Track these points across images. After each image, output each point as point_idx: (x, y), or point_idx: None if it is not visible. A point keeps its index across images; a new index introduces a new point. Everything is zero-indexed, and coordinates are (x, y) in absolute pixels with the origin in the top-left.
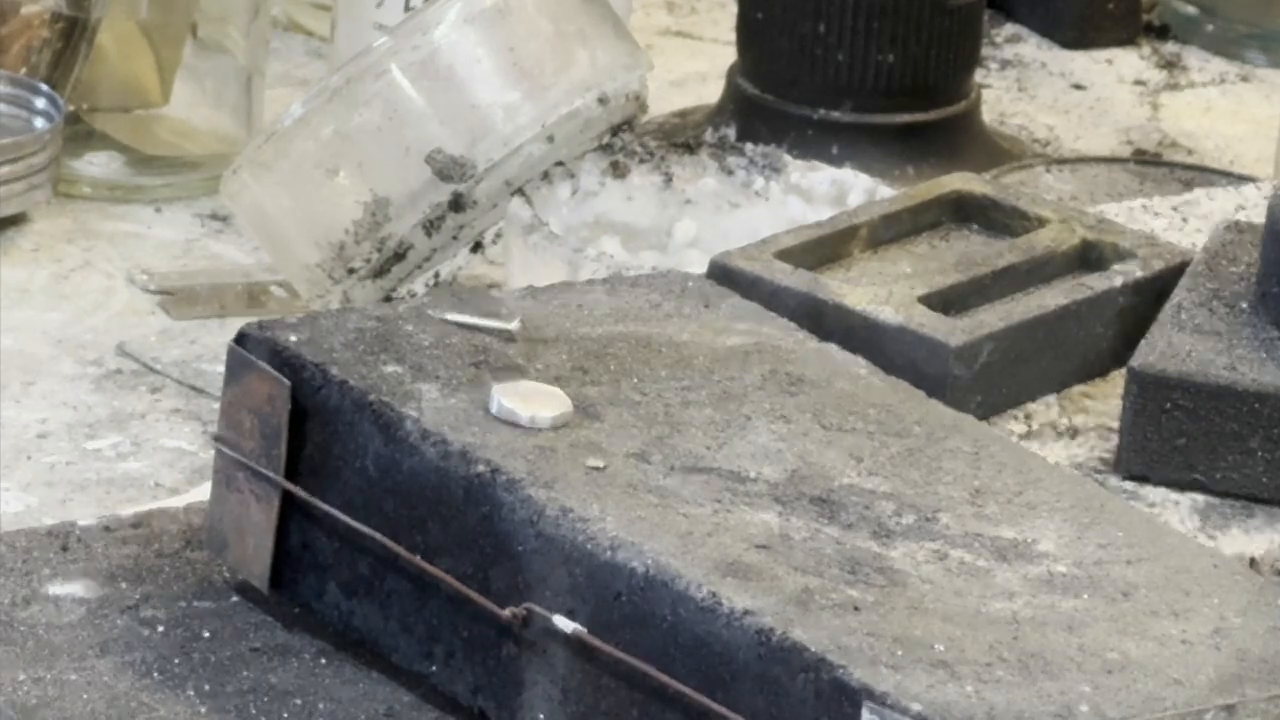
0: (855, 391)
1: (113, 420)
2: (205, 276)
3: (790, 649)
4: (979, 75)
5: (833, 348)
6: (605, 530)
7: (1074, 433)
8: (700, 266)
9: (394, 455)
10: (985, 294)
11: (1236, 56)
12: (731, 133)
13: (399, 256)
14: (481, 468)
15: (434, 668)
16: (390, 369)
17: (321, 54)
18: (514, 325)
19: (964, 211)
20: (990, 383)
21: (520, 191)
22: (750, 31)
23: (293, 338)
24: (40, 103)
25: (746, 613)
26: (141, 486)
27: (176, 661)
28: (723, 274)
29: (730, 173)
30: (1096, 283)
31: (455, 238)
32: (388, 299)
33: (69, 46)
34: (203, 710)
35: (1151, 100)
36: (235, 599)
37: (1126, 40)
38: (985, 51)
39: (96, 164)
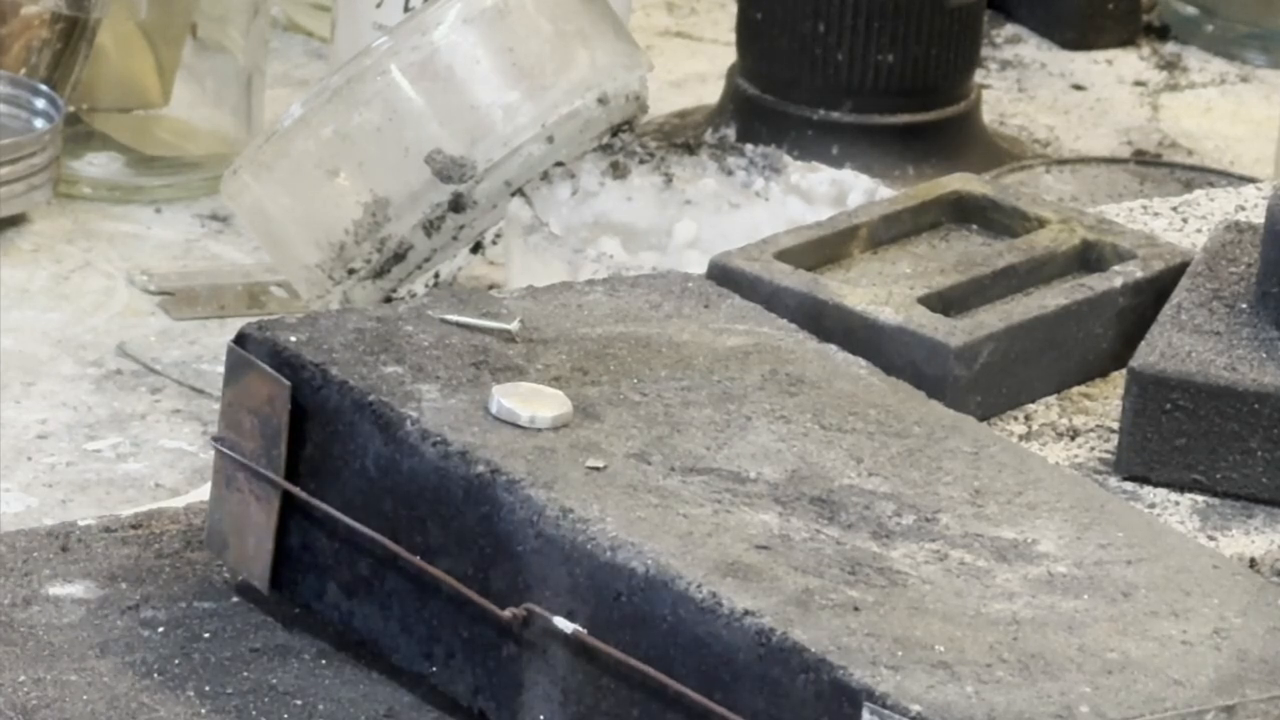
0: (855, 392)
1: (113, 421)
2: (205, 277)
3: (790, 649)
4: (979, 75)
5: (833, 348)
6: (605, 531)
7: (1074, 433)
8: (700, 267)
9: (394, 455)
10: (985, 294)
11: (1236, 57)
12: (731, 133)
13: (399, 257)
14: (481, 468)
15: (434, 668)
16: (390, 369)
17: (321, 54)
18: (514, 325)
19: (964, 212)
20: (990, 383)
21: (520, 192)
22: (750, 32)
23: (293, 338)
24: (40, 103)
25: (746, 613)
26: (141, 487)
27: (176, 662)
28: (722, 274)
29: (730, 173)
30: (1096, 283)
31: (455, 238)
32: (388, 299)
33: (69, 47)
34: (203, 711)
35: (1151, 101)
36: (235, 599)
37: (1126, 41)
38: (985, 52)
39: (96, 164)
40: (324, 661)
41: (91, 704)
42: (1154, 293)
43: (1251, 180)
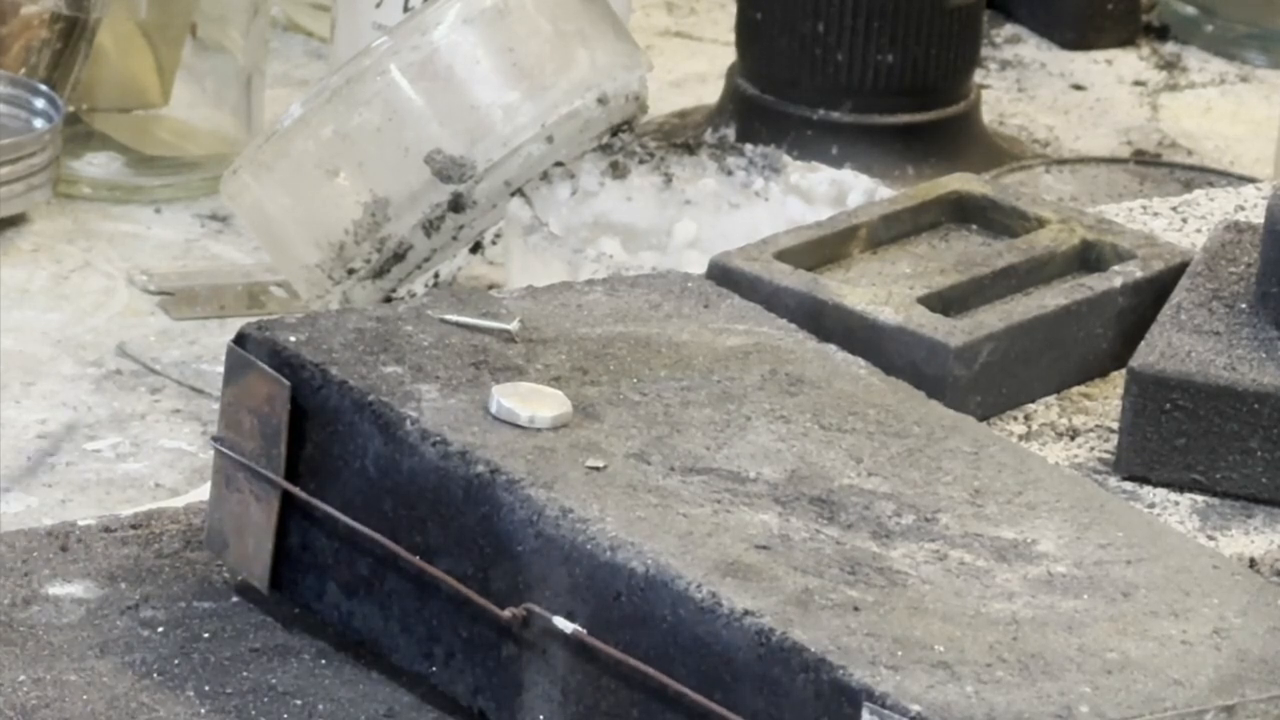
0: (855, 392)
1: (113, 421)
2: (205, 277)
3: (790, 649)
4: (979, 75)
5: (832, 348)
6: (605, 530)
7: (1074, 433)
8: (700, 267)
9: (394, 455)
10: (985, 294)
11: (1236, 57)
12: (731, 133)
13: (399, 257)
14: (481, 468)
15: (434, 668)
16: (390, 369)
17: (321, 54)
18: (514, 325)
19: (964, 212)
20: (990, 383)
21: (520, 192)
22: (750, 32)
23: (292, 338)
24: (40, 103)
25: (746, 613)
26: (141, 487)
27: (176, 662)
28: (722, 274)
29: (730, 173)
30: (1096, 283)
31: (455, 238)
32: (388, 299)
33: (69, 46)
34: (203, 711)
35: (1151, 101)
36: (235, 599)
37: (1126, 41)
38: (985, 52)
39: (96, 164)
40: (324, 661)
41: (91, 704)
42: (1154, 293)
43: (1251, 180)
